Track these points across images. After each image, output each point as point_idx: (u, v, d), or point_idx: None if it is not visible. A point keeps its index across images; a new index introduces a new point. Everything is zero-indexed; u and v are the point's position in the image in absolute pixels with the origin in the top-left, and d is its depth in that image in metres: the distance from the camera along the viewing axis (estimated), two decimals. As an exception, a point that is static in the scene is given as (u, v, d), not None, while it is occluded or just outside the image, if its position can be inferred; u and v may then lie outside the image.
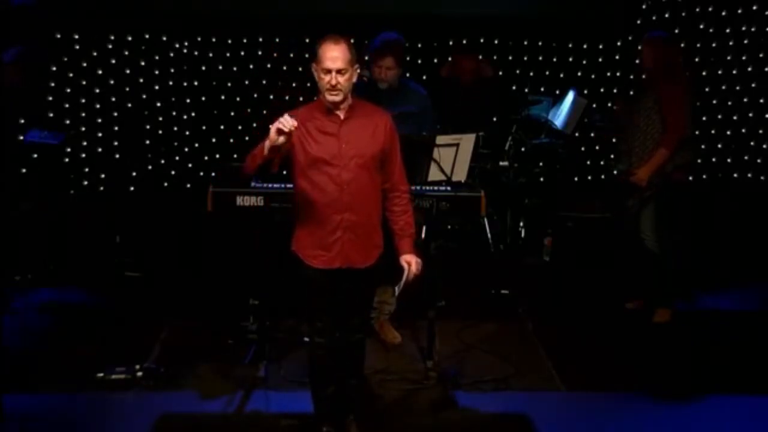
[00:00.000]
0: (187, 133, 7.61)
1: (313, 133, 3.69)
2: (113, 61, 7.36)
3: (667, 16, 7.63)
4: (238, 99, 7.59)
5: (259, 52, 7.54)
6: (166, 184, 7.65)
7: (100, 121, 7.44)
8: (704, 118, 7.75)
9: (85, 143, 7.43)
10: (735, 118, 7.84)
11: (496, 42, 7.71)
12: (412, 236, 3.88)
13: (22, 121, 6.10)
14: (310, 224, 3.75)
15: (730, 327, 5.44)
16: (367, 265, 3.81)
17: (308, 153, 3.68)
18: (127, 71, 7.40)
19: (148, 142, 7.56)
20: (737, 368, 4.89)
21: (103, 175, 7.51)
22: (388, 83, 4.93)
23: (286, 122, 3.44)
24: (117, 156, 7.52)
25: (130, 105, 7.46)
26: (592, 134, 7.85)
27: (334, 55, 3.61)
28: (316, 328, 3.86)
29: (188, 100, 7.57)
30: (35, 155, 6.36)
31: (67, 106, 7.34)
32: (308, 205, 3.74)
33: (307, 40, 7.42)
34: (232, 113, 7.61)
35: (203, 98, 7.57)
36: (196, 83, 7.54)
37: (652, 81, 5.33)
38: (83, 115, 7.39)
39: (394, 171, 3.84)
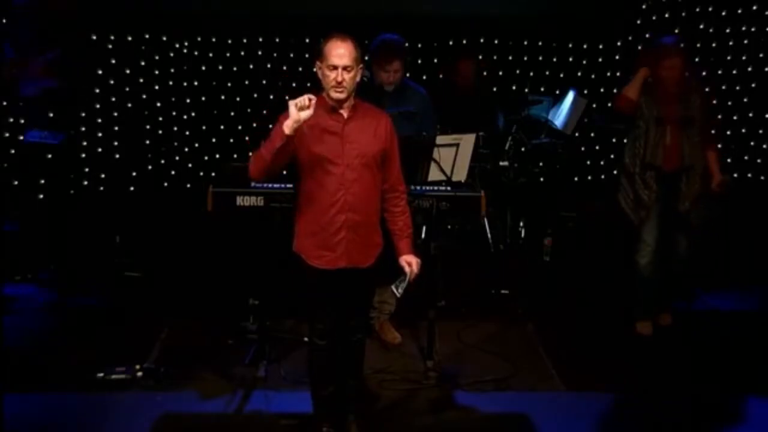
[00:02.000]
0: (187, 133, 7.60)
1: (316, 132, 3.67)
2: (113, 61, 7.36)
3: (667, 16, 7.62)
4: (238, 99, 7.58)
5: (259, 52, 7.54)
6: (166, 184, 7.64)
7: (100, 121, 7.44)
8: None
9: (85, 143, 7.42)
10: (735, 118, 7.83)
11: (496, 42, 7.71)
12: (410, 236, 3.89)
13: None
14: (314, 224, 3.74)
15: (730, 327, 5.44)
16: (369, 265, 3.82)
17: (312, 152, 3.66)
18: (127, 71, 7.39)
19: (148, 142, 7.56)
20: (737, 368, 4.89)
21: (103, 175, 7.51)
22: (394, 85, 4.94)
23: (304, 99, 3.45)
24: (117, 156, 7.52)
25: (130, 105, 7.45)
26: (592, 134, 7.85)
27: (341, 51, 3.61)
28: (316, 330, 3.85)
29: (188, 100, 7.56)
30: (35, 155, 6.35)
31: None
32: (311, 206, 3.73)
33: (307, 40, 7.43)
34: (232, 113, 7.60)
35: (203, 98, 7.56)
36: (196, 83, 7.53)
37: (691, 87, 5.19)
38: (83, 115, 7.39)
39: (393, 172, 3.84)
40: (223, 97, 7.58)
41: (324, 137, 3.68)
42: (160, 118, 7.54)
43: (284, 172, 4.09)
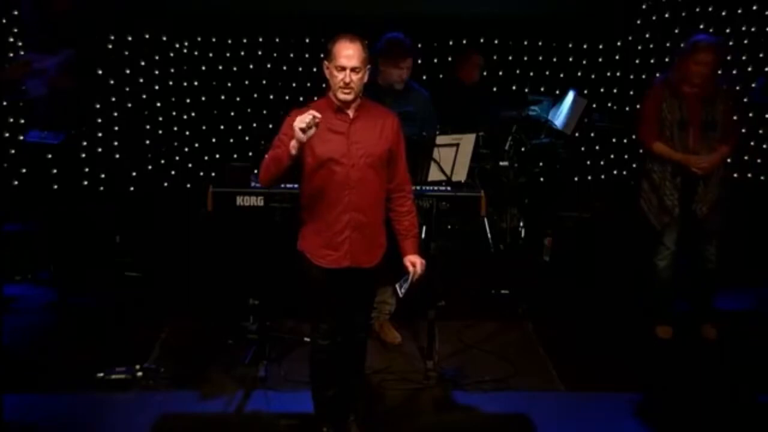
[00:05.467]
0: (187, 133, 7.61)
1: (322, 132, 3.65)
2: (113, 61, 7.36)
3: (667, 16, 7.63)
4: (238, 99, 7.59)
5: (259, 52, 7.54)
6: (166, 184, 7.65)
7: (100, 121, 7.44)
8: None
9: (85, 143, 7.42)
10: (735, 118, 7.81)
11: (496, 42, 7.71)
12: (416, 237, 3.89)
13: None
14: (318, 223, 3.74)
15: (731, 327, 5.43)
16: (372, 265, 3.82)
17: (317, 152, 3.65)
18: (127, 71, 7.40)
19: (148, 142, 7.56)
20: (737, 368, 4.89)
21: (103, 175, 7.51)
22: (404, 83, 4.94)
23: (309, 119, 3.42)
24: (117, 156, 7.52)
25: (130, 105, 7.46)
26: (592, 134, 7.85)
27: (349, 53, 3.60)
28: (319, 330, 3.85)
29: (188, 100, 7.56)
30: (35, 155, 6.35)
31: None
32: (316, 205, 3.72)
33: (307, 40, 7.43)
34: (232, 113, 7.61)
35: (203, 98, 7.57)
36: (196, 83, 7.54)
37: (718, 91, 5.09)
38: (83, 115, 7.38)
39: (400, 171, 3.84)
40: (223, 97, 7.58)
41: (329, 137, 3.67)
42: (160, 118, 7.55)
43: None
